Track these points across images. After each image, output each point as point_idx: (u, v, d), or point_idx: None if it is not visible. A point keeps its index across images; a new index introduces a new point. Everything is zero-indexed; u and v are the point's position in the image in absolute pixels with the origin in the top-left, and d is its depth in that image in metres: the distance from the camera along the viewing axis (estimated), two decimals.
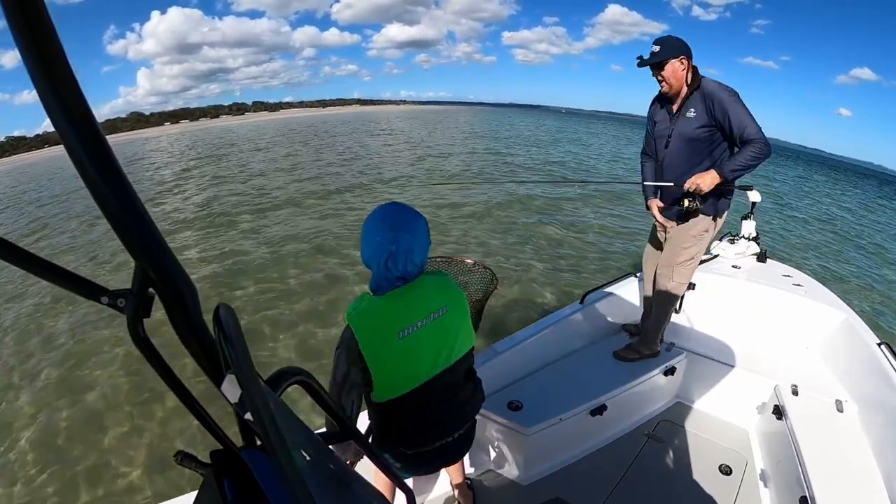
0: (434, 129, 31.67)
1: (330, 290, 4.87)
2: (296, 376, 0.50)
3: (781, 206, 11.17)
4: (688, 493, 1.74)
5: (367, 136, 26.76)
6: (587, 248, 6.37)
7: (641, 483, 1.75)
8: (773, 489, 1.73)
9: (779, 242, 7.66)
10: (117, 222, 0.30)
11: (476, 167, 13.67)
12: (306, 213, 8.26)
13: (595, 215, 8.14)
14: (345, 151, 17.78)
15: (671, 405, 2.17)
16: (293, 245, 6.36)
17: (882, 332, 2.05)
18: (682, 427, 2.04)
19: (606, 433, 1.93)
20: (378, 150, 18.86)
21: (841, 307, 2.29)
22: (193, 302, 0.36)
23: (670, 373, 2.03)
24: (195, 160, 19.19)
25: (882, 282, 6.66)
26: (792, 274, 2.64)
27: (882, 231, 11.70)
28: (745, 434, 2.03)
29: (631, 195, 8.71)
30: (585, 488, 1.72)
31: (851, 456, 1.61)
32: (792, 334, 2.24)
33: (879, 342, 1.95)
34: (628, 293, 2.41)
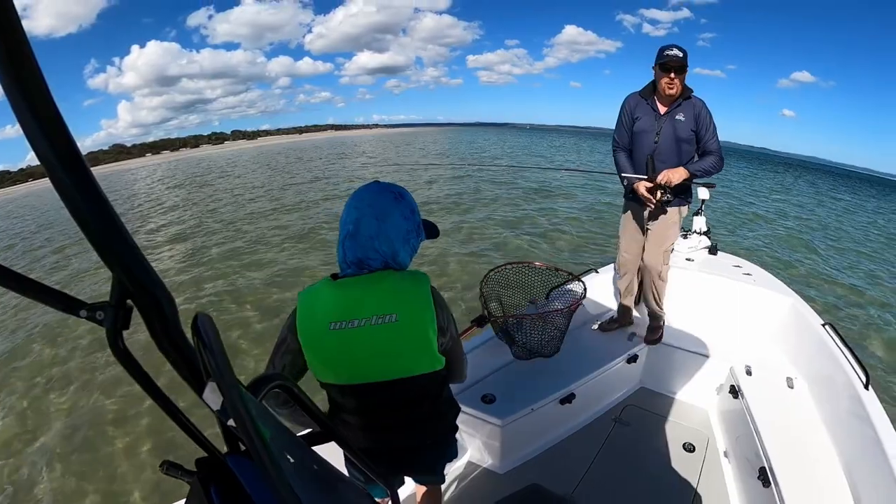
0: (403, 148, 33.29)
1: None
2: (276, 381, 0.50)
3: (732, 202, 11.78)
4: (655, 470, 1.80)
5: (338, 158, 27.85)
6: (547, 250, 6.72)
7: (612, 464, 1.80)
8: (734, 462, 1.80)
9: (729, 236, 8.08)
10: (93, 233, 0.29)
11: (441, 188, 14.13)
12: (282, 233, 8.39)
13: (550, 223, 8.57)
14: (318, 173, 18.48)
15: (635, 391, 2.24)
16: (266, 266, 6.49)
17: (826, 313, 2.19)
18: (646, 410, 2.12)
19: (576, 420, 1.98)
20: (349, 170, 19.62)
21: (788, 293, 2.41)
22: (172, 312, 0.35)
23: (633, 360, 2.11)
24: (175, 188, 19.13)
25: (825, 266, 7.08)
26: (741, 264, 2.76)
27: (827, 217, 12.65)
28: (705, 414, 2.11)
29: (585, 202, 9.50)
30: (560, 473, 1.75)
31: (803, 427, 1.69)
32: (744, 320, 2.34)
33: (823, 323, 2.06)
34: (589, 288, 2.48)
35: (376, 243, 0.83)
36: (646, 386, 2.27)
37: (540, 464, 1.80)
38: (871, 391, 1.66)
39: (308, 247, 7.44)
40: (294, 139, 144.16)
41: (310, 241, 7.75)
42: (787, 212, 12.63)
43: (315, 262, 6.53)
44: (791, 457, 1.52)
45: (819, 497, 1.41)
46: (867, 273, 7.09)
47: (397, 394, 0.88)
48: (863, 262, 7.84)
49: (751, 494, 1.60)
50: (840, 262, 7.62)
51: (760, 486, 1.50)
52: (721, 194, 10.47)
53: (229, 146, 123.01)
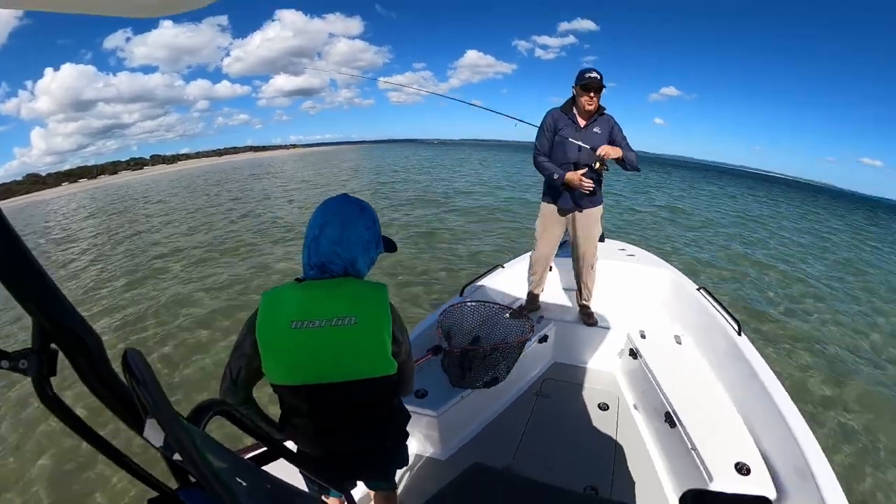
0: (319, 166, 32.85)
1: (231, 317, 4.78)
2: (216, 407, 0.49)
3: (615, 196, 13.48)
4: (578, 430, 1.98)
5: (256, 179, 26.27)
6: (452, 251, 7.09)
7: (540, 432, 1.95)
8: (643, 412, 2.03)
9: (612, 224, 9.23)
10: (4, 275, 0.28)
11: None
12: (205, 257, 7.84)
13: (456, 222, 9.27)
14: (237, 194, 17.40)
15: (550, 365, 2.44)
16: (193, 285, 6.05)
17: (698, 280, 2.64)
18: (562, 381, 2.31)
19: (503, 399, 2.10)
20: (267, 189, 18.79)
21: (666, 266, 2.78)
22: (99, 351, 0.34)
23: (544, 340, 2.31)
24: (94, 217, 16.88)
25: (690, 243, 8.63)
26: (626, 247, 3.14)
27: (692, 204, 15.28)
28: (612, 376, 2.36)
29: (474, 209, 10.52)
30: (497, 448, 1.85)
31: (694, 374, 1.94)
32: (634, 293, 2.67)
33: (698, 287, 2.40)
34: (498, 282, 2.67)
35: (338, 248, 0.87)
36: (558, 360, 2.48)
37: (477, 444, 1.89)
38: (743, 336, 1.94)
39: (236, 260, 7.19)
40: (214, 162, 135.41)
41: (237, 255, 7.45)
42: (661, 200, 15.06)
43: (242, 271, 6.38)
44: (688, 399, 1.75)
45: (716, 426, 1.63)
46: (724, 244, 8.86)
47: (350, 396, 0.88)
48: (720, 234, 9.83)
49: (660, 436, 1.82)
50: (702, 236, 9.38)
51: (668, 427, 1.72)
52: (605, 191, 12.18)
53: (149, 171, 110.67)
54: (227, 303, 5.24)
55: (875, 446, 2.97)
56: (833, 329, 5.15)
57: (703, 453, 1.51)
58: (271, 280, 5.94)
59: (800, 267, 8.07)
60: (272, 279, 5.97)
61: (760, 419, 1.63)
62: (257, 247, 8.03)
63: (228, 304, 5.20)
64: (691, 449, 1.56)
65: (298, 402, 0.90)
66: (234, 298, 5.38)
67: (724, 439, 1.57)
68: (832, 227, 16.03)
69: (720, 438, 1.57)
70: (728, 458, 1.49)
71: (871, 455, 2.90)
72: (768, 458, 1.50)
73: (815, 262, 8.69)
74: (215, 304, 5.23)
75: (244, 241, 8.54)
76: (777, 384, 1.65)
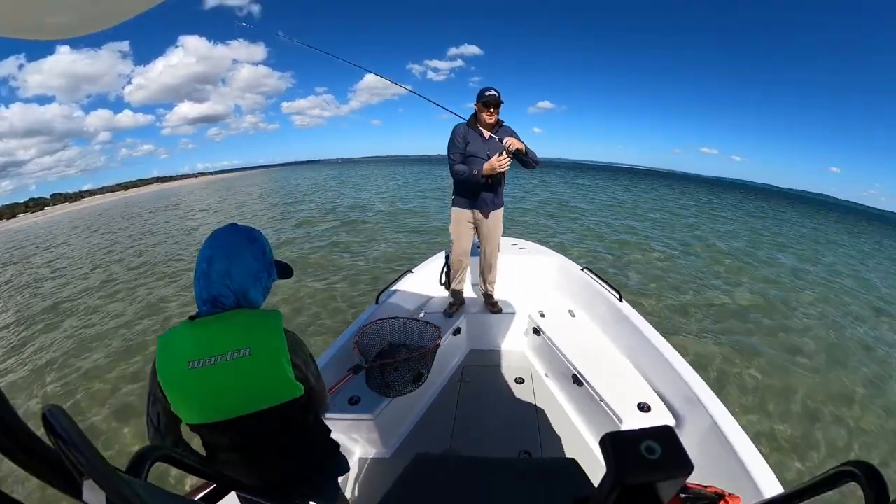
0: (225, 194, 30.24)
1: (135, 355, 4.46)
2: (155, 454, 0.47)
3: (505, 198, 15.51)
4: (502, 405, 2.13)
5: (162, 211, 23.34)
6: (357, 263, 7.27)
7: (470, 414, 2.07)
8: (554, 379, 2.25)
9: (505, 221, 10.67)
10: None
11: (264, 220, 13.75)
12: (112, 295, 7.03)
13: (360, 234, 9.63)
14: (140, 231, 15.18)
15: (468, 353, 2.60)
16: (105, 334, 5.33)
17: (580, 262, 2.92)
18: (480, 366, 2.47)
19: (431, 391, 2.20)
20: (167, 223, 16.73)
21: (554, 254, 3.10)
22: (9, 416, 0.29)
23: (458, 332, 2.45)
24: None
25: (569, 233, 9.97)
26: (517, 241, 3.46)
27: (569, 197, 17.62)
28: (522, 353, 2.57)
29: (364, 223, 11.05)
30: (434, 436, 1.94)
31: (589, 339, 2.20)
32: (530, 280, 2.94)
33: (582, 268, 2.70)
34: (410, 285, 2.76)
35: (227, 281, 0.85)
36: (473, 348, 2.63)
37: (416, 437, 1.95)
38: (624, 302, 2.22)
39: (127, 304, 6.41)
40: (119, 196, 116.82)
41: (130, 298, 6.62)
42: (545, 198, 17.14)
43: (135, 312, 5.53)
44: (588, 361, 1.99)
45: (615, 378, 1.86)
46: (592, 226, 10.63)
47: (262, 425, 0.87)
48: (593, 219, 11.68)
49: (572, 395, 2.05)
50: (578, 224, 11.05)
51: (577, 387, 1.95)
52: None
53: (50, 212, 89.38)
54: (127, 344, 4.78)
55: (732, 368, 3.83)
56: (681, 279, 6.60)
57: (609, 402, 1.73)
58: (169, 319, 5.46)
59: (654, 235, 10.12)
60: (170, 320, 5.46)
61: (650, 366, 1.86)
62: (151, 286, 7.19)
63: (127, 344, 4.76)
64: (599, 401, 1.78)
65: (216, 438, 0.88)
66: (133, 339, 4.91)
67: (624, 387, 1.80)
68: (683, 204, 20.29)
69: (621, 387, 1.80)
70: (630, 401, 1.71)
71: (735, 378, 3.70)
72: (663, 395, 1.75)
73: (673, 233, 10.84)
74: (115, 347, 4.78)
75: (142, 280, 7.66)
76: (658, 336, 1.94)
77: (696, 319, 4.99)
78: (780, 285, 6.91)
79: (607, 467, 0.34)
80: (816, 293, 6.68)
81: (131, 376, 3.95)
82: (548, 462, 0.80)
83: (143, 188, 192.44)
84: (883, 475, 0.38)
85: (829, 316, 5.66)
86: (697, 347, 4.19)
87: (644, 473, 0.32)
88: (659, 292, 5.83)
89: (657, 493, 0.34)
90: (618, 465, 0.32)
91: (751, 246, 10.32)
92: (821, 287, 7.18)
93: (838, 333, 5.04)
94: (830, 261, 9.94)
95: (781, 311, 5.55)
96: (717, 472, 1.29)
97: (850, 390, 3.69)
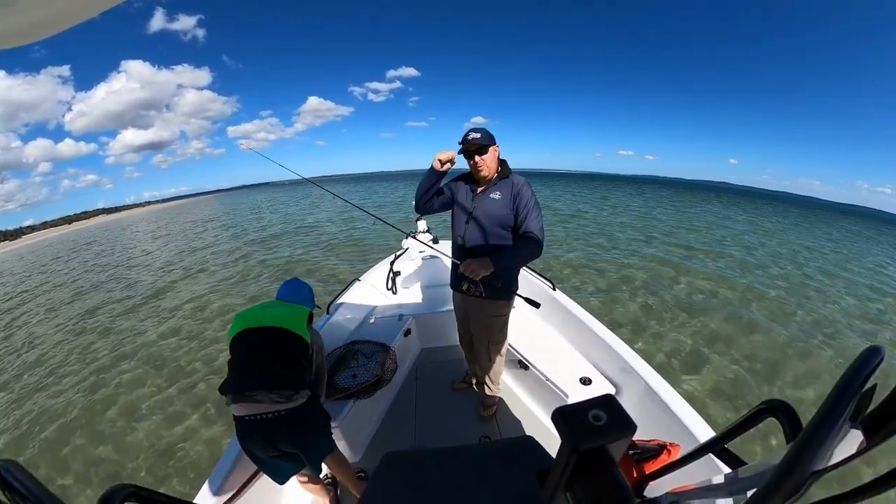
0: (173, 224, 27.28)
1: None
2: (122, 492, 0.44)
3: None
4: (457, 396, 2.11)
5: (113, 245, 19.97)
6: (313, 275, 7.12)
7: (429, 408, 2.04)
8: (503, 366, 2.11)
9: (441, 227, 10.98)
10: None
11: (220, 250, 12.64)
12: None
13: (313, 251, 9.30)
14: (92, 266, 12.97)
15: (420, 353, 2.55)
16: (63, 379, 4.35)
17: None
18: (433, 363, 2.45)
19: (390, 393, 2.14)
20: (126, 257, 14.41)
21: None
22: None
23: (408, 333, 2.39)
24: None
25: None
26: None
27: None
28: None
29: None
30: (399, 435, 1.88)
31: (530, 327, 2.21)
32: None
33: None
34: (358, 294, 2.69)
35: (292, 295, 1.49)
36: (424, 347, 2.60)
37: (381, 438, 1.89)
38: (558, 291, 2.27)
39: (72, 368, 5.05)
40: (63, 231, 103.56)
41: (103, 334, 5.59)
42: None
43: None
44: (531, 346, 2.01)
45: (557, 358, 1.90)
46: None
47: (274, 338, 1.25)
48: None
49: (520, 379, 2.07)
50: None
51: (523, 371, 1.96)
52: None
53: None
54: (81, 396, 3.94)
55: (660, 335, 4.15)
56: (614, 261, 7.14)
57: (554, 380, 1.76)
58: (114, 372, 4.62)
59: (589, 224, 11.11)
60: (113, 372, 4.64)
61: (586, 343, 1.92)
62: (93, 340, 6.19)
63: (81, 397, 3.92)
64: (545, 381, 1.80)
65: (238, 344, 1.25)
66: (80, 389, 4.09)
67: (566, 365, 1.85)
68: (609, 196, 23.03)
69: (562, 366, 1.85)
70: (573, 377, 1.76)
71: (658, 340, 4.03)
72: (601, 368, 1.80)
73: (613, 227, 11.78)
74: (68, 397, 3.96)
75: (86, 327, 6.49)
76: (590, 317, 2.00)
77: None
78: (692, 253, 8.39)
79: (562, 439, 0.34)
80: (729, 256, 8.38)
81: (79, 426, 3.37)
82: (507, 443, 0.80)
83: (89, 221, 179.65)
84: (794, 409, 0.40)
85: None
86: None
87: (595, 439, 0.33)
88: (589, 277, 6.31)
89: (609, 454, 0.35)
90: (571, 436, 0.33)
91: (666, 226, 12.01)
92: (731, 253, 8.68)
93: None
94: (724, 234, 11.88)
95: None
96: (657, 427, 1.34)
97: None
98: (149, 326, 5.62)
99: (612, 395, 0.36)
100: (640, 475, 0.60)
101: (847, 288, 6.72)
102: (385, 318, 2.45)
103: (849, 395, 0.27)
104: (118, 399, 3.67)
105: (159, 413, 3.30)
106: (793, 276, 7.10)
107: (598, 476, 0.34)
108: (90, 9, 0.45)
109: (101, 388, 3.95)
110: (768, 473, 0.28)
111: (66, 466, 2.85)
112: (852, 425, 0.28)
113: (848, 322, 5.00)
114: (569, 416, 0.34)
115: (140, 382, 3.90)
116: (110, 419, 3.37)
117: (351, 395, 1.71)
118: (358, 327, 2.18)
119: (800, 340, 4.23)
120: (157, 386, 3.77)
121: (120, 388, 3.86)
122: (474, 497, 0.65)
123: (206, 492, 1.21)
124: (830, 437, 0.26)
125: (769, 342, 4.15)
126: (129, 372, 4.16)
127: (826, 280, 7.14)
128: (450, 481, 0.70)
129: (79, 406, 3.65)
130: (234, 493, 1.26)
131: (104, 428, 3.24)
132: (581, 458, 0.33)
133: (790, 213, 26.70)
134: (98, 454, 2.93)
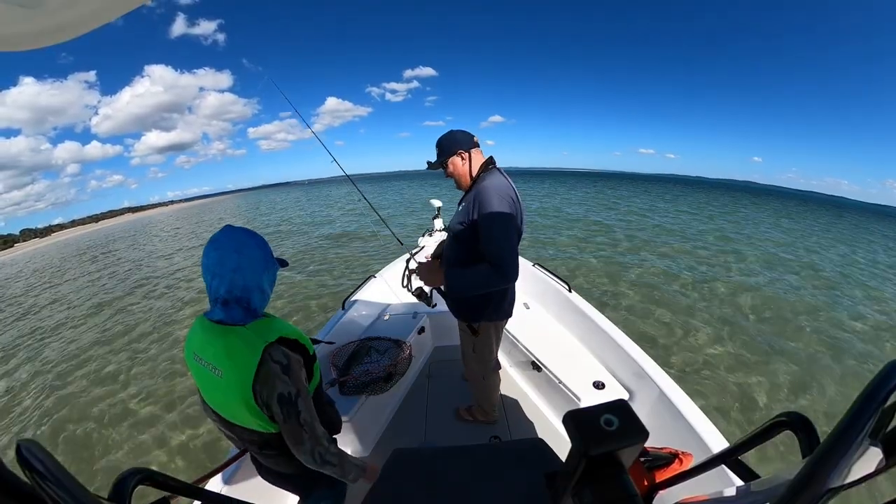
0: (198, 220, 29.02)
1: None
2: (135, 477, 0.45)
3: (452, 205, 15.89)
4: (469, 395, 2.04)
5: (142, 242, 21.21)
6: (329, 271, 7.31)
7: (440, 406, 2.03)
8: (515, 367, 2.22)
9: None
10: None
11: None
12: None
13: (330, 247, 9.58)
14: (124, 265, 13.62)
15: (432, 350, 2.54)
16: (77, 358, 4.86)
17: (532, 258, 2.85)
18: (446, 361, 2.43)
19: (402, 389, 2.13)
20: (158, 252, 15.34)
21: None
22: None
23: (422, 331, 2.39)
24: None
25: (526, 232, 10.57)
26: None
27: (532, 203, 18.06)
28: None
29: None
30: (409, 431, 1.88)
31: (544, 328, 2.18)
32: None
33: (533, 263, 2.64)
34: (374, 290, 2.70)
35: (238, 276, 0.78)
36: (437, 345, 2.58)
37: (391, 433, 1.89)
38: (573, 293, 2.22)
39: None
40: (91, 229, 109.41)
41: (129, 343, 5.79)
42: None
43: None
44: (545, 348, 1.98)
45: (570, 361, 1.87)
46: (539, 231, 10.70)
47: (239, 435, 0.83)
48: (551, 227, 11.60)
49: (533, 381, 2.04)
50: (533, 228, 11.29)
51: (536, 373, 1.94)
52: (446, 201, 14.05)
53: (21, 248, 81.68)
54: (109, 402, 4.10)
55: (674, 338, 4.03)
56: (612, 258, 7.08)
57: (567, 383, 1.73)
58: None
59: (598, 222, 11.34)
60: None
61: (600, 347, 1.88)
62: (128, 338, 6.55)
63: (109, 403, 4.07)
64: (558, 383, 1.77)
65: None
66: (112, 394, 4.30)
67: (579, 369, 1.81)
68: (621, 194, 22.73)
69: (576, 369, 1.81)
70: (586, 380, 1.72)
71: (673, 348, 3.88)
72: (614, 373, 1.76)
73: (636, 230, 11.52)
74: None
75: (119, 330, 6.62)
76: (605, 320, 1.96)
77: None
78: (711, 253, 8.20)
79: (572, 442, 0.34)
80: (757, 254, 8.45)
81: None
82: (517, 444, 0.79)
83: (115, 219, 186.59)
84: (812, 422, 0.39)
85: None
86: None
87: (606, 444, 0.32)
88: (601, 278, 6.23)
89: (619, 460, 0.34)
90: (582, 439, 0.32)
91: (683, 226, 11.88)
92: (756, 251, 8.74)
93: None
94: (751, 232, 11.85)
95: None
96: (670, 435, 1.31)
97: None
98: None
99: (625, 400, 0.36)
100: (651, 483, 0.59)
101: None
102: (399, 315, 2.45)
103: (869, 411, 0.26)
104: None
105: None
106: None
107: (607, 482, 0.33)
108: (116, 9, 0.46)
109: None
110: (782, 488, 0.27)
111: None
112: (872, 442, 0.27)
113: None
114: (580, 420, 0.33)
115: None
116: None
117: (363, 388, 1.73)
118: (372, 324, 2.18)
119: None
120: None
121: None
122: (481, 496, 0.64)
123: (218, 479, 1.23)
124: (848, 453, 0.25)
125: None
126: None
127: None
128: (458, 480, 0.69)
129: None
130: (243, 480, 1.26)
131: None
132: (591, 463, 0.33)
133: (861, 222, 21.75)
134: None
